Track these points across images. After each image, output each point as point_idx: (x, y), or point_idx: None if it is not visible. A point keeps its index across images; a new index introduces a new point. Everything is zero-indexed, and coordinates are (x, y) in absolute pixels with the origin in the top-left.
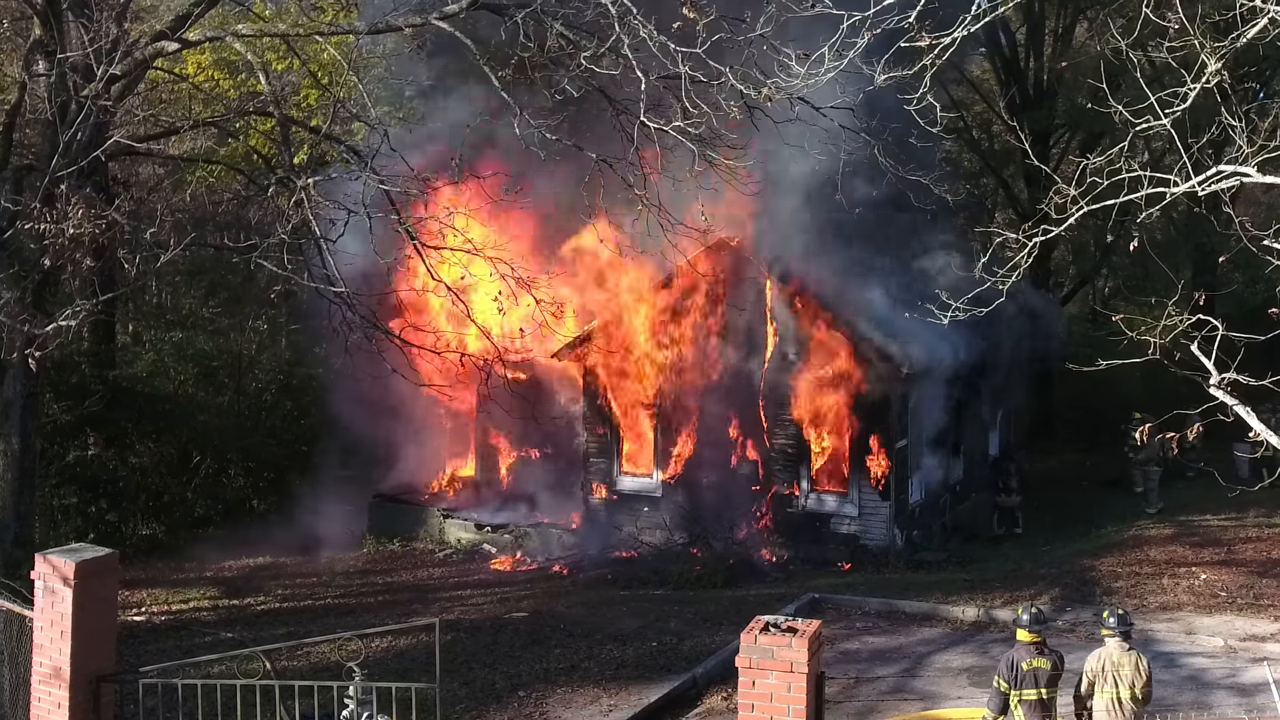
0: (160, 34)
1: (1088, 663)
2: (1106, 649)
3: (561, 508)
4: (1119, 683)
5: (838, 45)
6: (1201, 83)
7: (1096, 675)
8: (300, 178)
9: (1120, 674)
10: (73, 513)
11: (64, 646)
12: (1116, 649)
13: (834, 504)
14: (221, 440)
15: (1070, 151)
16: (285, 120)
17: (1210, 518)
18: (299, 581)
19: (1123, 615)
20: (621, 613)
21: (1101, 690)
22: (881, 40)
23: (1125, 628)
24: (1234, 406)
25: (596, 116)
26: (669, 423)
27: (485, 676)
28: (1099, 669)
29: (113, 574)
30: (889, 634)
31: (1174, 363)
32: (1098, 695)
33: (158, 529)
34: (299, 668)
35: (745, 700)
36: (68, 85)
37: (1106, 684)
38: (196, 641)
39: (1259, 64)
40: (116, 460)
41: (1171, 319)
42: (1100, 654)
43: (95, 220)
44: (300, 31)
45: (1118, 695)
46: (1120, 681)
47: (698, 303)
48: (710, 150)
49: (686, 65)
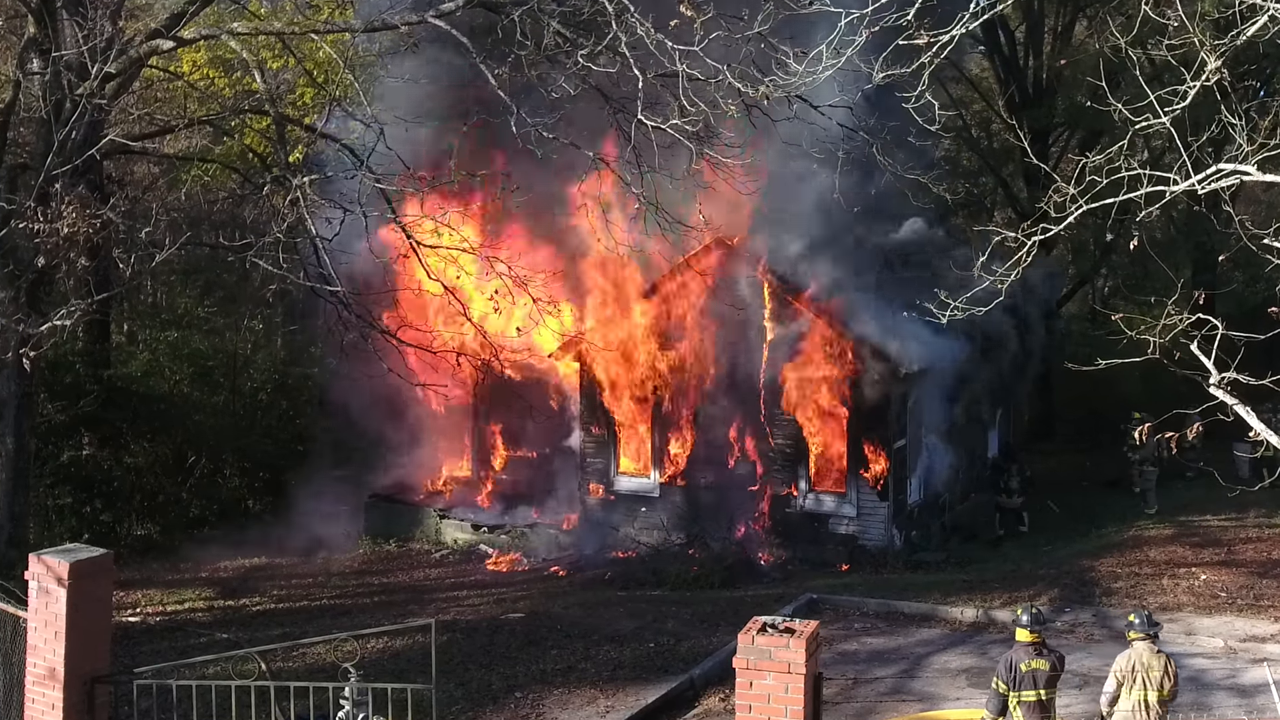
0: (155, 32)
1: (1117, 664)
2: (1135, 651)
3: (558, 508)
4: (1148, 685)
5: (835, 43)
6: (1201, 81)
7: (1126, 676)
8: (296, 176)
9: (1150, 676)
10: (67, 513)
11: (58, 647)
12: (1146, 650)
13: (832, 504)
14: (217, 440)
15: (1070, 150)
16: (280, 119)
17: (1210, 518)
18: (295, 582)
19: (1148, 616)
20: (619, 613)
21: (1129, 691)
22: (880, 38)
23: (1153, 629)
24: (1234, 406)
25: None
26: (666, 422)
27: (481, 677)
28: (1129, 670)
29: (107, 574)
30: (887, 635)
31: (1174, 362)
32: (1124, 696)
33: (153, 529)
34: (294, 669)
35: (743, 701)
36: (62, 84)
37: (1135, 685)
38: (191, 642)
39: (1259, 62)
40: (111, 460)
41: (1171, 318)
42: (1130, 656)
43: (90, 219)
44: (296, 29)
45: (1145, 698)
46: (1150, 684)
47: (695, 302)
48: (708, 149)
49: (684, 63)
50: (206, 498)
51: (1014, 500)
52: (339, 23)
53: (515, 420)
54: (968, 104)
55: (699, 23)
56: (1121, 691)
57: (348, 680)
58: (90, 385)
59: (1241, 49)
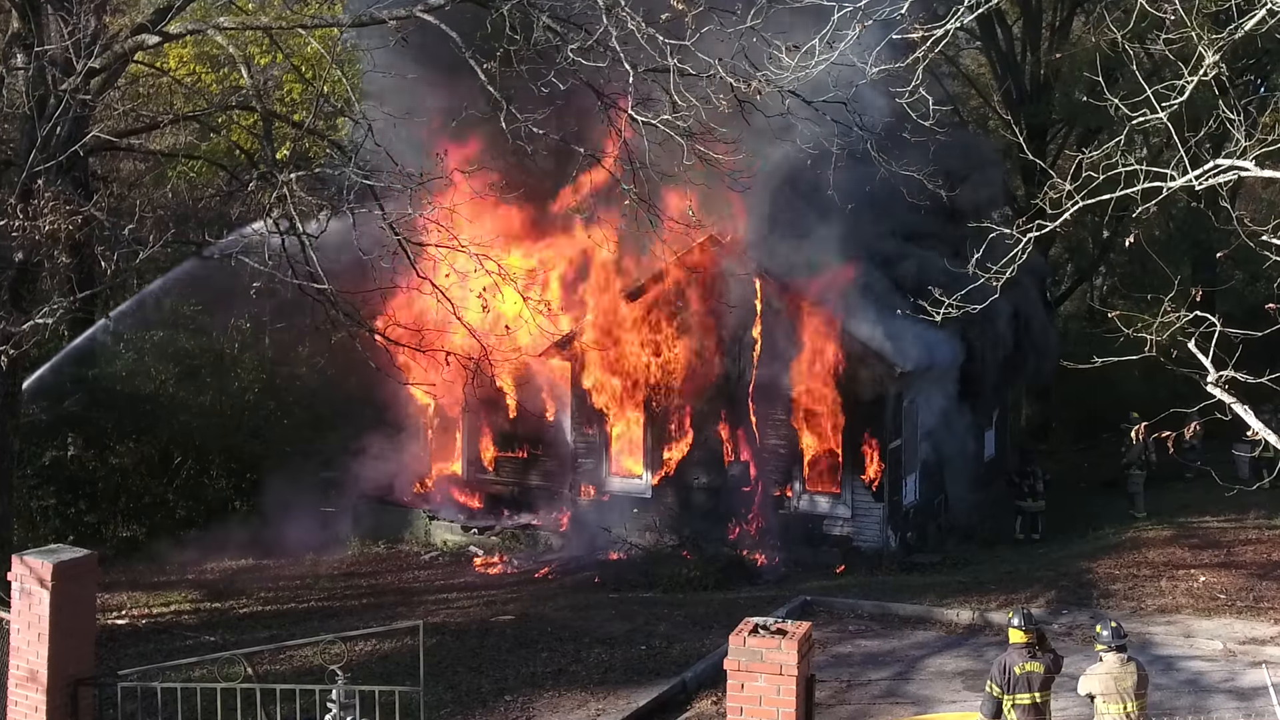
0: (141, 27)
1: (1088, 682)
2: (1106, 664)
3: (549, 509)
4: (1126, 697)
5: (829, 37)
6: (1199, 75)
7: (1100, 695)
8: (283, 173)
9: (1125, 688)
10: (51, 514)
11: (41, 649)
12: (1116, 663)
13: (827, 505)
14: (203, 441)
15: (1067, 146)
16: (268, 115)
17: (1209, 519)
18: (282, 584)
19: (1116, 627)
20: (610, 616)
21: (1108, 706)
22: (874, 32)
23: (1120, 640)
24: (1232, 405)
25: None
26: (659, 422)
27: (471, 680)
28: (1101, 689)
29: (91, 576)
30: (882, 637)
31: (1172, 360)
32: (1105, 713)
33: (138, 531)
34: (281, 671)
35: (734, 703)
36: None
37: (1113, 699)
38: (177, 645)
39: (1258, 56)
40: (96, 461)
41: (1169, 316)
42: (1100, 672)
43: (72, 216)
44: (283, 24)
45: (1126, 709)
46: (1128, 696)
47: (688, 300)
48: (699, 144)
49: (675, 58)
50: (193, 499)
51: (1038, 504)
52: (327, 17)
53: (506, 420)
54: (964, 100)
55: (690, 16)
56: (1100, 705)
57: (335, 683)
58: (74, 385)
59: (1240, 43)
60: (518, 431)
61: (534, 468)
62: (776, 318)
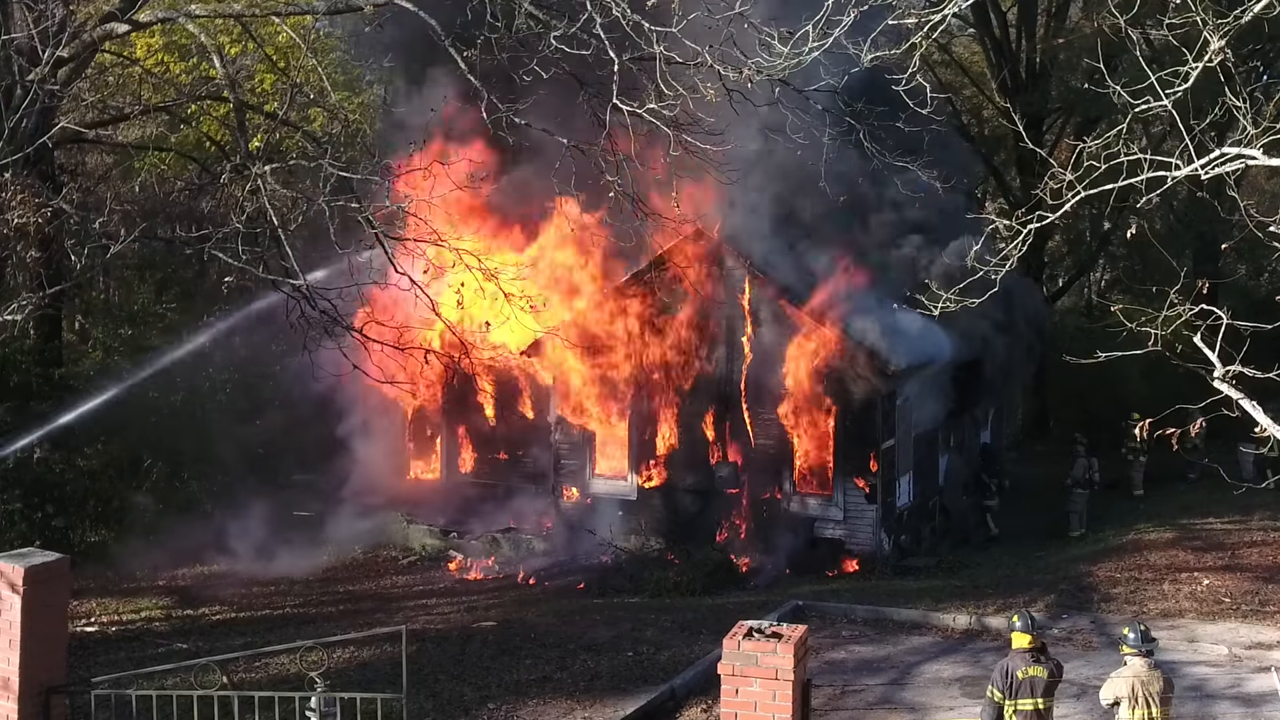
0: (109, 15)
1: (1113, 686)
2: (1132, 668)
3: (532, 512)
4: (1151, 702)
5: (821, 23)
6: (1204, 62)
7: (1124, 698)
8: (256, 165)
9: (1151, 692)
10: (17, 518)
11: (12, 656)
12: (1143, 667)
13: (818, 507)
14: (174, 442)
15: (1065, 136)
16: (240, 105)
17: (1213, 520)
18: (256, 590)
19: (1144, 631)
20: (595, 621)
21: (1133, 711)
22: (867, 18)
23: (1149, 645)
24: (1239, 400)
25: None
26: (644, 423)
27: (453, 688)
28: (1128, 693)
29: (64, 580)
30: (876, 643)
31: (1176, 356)
32: (1128, 716)
33: (107, 535)
34: (257, 679)
35: (728, 709)
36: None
37: (1139, 704)
38: (149, 653)
39: (1264, 41)
40: (63, 463)
41: (1173, 309)
42: (1126, 675)
43: (40, 210)
44: (256, 12)
45: (1151, 715)
46: (1153, 700)
47: (675, 297)
48: (686, 135)
49: (661, 45)
50: (164, 502)
51: (994, 502)
52: (301, 5)
53: (486, 421)
54: (958, 89)
55: (677, 2)
56: (1124, 712)
57: (314, 690)
58: (41, 385)
59: (1245, 28)
60: (498, 432)
61: (515, 469)
62: (766, 314)
